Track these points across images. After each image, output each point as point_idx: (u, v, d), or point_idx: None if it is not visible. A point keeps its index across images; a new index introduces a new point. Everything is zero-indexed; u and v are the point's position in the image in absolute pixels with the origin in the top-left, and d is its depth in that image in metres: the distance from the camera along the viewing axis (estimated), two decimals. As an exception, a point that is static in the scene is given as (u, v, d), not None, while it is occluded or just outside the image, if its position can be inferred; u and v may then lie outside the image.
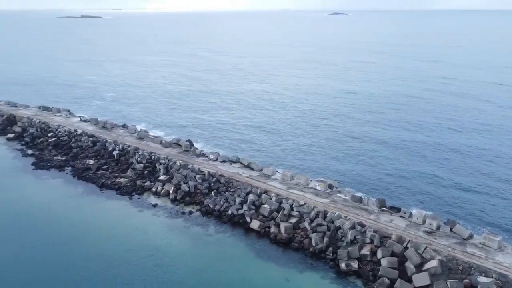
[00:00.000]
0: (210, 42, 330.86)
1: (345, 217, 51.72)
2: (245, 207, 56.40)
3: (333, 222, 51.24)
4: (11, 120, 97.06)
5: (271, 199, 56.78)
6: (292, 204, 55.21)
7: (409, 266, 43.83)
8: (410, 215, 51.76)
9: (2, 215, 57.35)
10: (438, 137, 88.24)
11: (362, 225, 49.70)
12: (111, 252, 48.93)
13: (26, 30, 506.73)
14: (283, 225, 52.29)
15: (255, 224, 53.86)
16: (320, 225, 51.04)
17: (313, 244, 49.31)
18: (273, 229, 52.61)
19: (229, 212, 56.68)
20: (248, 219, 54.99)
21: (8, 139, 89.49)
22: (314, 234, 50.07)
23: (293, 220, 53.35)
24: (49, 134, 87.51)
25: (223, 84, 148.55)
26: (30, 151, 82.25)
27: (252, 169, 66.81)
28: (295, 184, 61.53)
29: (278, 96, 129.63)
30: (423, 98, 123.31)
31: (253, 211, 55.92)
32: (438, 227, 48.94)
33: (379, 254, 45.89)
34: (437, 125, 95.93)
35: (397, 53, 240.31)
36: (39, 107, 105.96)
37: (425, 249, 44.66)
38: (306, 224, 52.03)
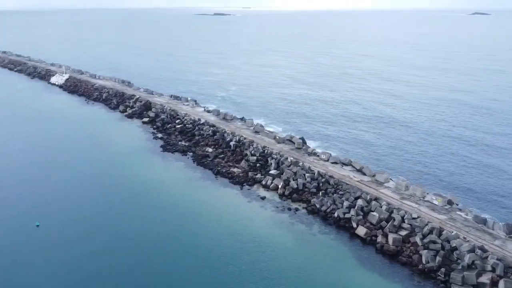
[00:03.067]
0: (331, 43, 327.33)
1: (464, 238, 46.91)
2: (352, 212, 54.87)
3: (448, 242, 46.89)
4: (147, 106, 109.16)
5: (381, 207, 54.23)
6: (404, 216, 51.97)
7: (539, 305, 38.04)
8: (547, 247, 44.77)
9: (133, 188, 65.03)
10: None
11: (484, 250, 44.53)
12: (218, 233, 52.19)
13: (167, 25, 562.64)
14: (391, 236, 49.61)
15: (361, 231, 52.09)
16: (434, 242, 47.13)
17: (423, 261, 45.82)
18: (380, 239, 50.27)
19: (335, 214, 55.72)
20: (354, 225, 53.44)
21: (143, 122, 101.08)
22: (425, 251, 46.47)
23: (403, 233, 50.24)
24: (177, 121, 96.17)
25: (336, 88, 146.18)
26: (160, 135, 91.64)
27: (364, 174, 64.55)
28: (410, 195, 57.75)
29: (393, 105, 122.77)
30: None
31: (361, 217, 54.11)
32: None
33: (501, 285, 40.67)
34: None
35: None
36: (171, 96, 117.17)
37: (562, 289, 38.29)
38: (417, 239, 48.54)
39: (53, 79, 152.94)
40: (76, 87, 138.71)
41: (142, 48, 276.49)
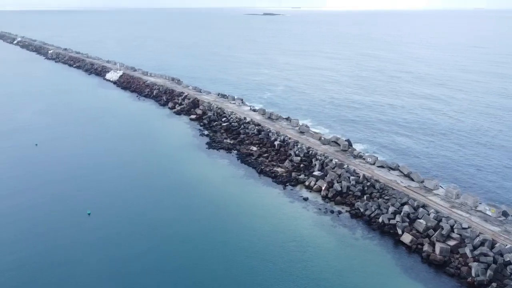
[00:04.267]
0: (381, 44, 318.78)
1: (519, 252, 44.14)
2: (398, 218, 53.21)
3: (502, 255, 44.30)
4: (195, 103, 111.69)
5: (429, 214, 52.18)
6: (453, 225, 49.68)
7: None
8: None
9: (178, 183, 66.84)
10: None
11: (541, 267, 41.71)
12: (259, 231, 52.45)
13: (217, 25, 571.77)
14: (439, 246, 47.61)
15: (406, 238, 50.41)
16: (485, 255, 44.71)
17: (473, 274, 43.59)
18: (426, 248, 48.38)
19: (380, 220, 54.29)
20: (399, 231, 51.80)
21: (191, 119, 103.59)
22: (475, 263, 44.20)
23: (451, 243, 48.05)
24: (223, 119, 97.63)
25: (384, 92, 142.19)
26: (206, 132, 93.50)
27: (412, 180, 62.36)
28: (460, 203, 55.12)
29: (444, 111, 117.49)
30: None
31: (407, 224, 52.35)
32: None
33: (560, 305, 37.94)
34: None
35: None
36: (218, 94, 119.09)
37: None
38: (467, 250, 46.26)
39: (108, 75, 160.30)
40: (128, 83, 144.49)
41: (192, 47, 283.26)
